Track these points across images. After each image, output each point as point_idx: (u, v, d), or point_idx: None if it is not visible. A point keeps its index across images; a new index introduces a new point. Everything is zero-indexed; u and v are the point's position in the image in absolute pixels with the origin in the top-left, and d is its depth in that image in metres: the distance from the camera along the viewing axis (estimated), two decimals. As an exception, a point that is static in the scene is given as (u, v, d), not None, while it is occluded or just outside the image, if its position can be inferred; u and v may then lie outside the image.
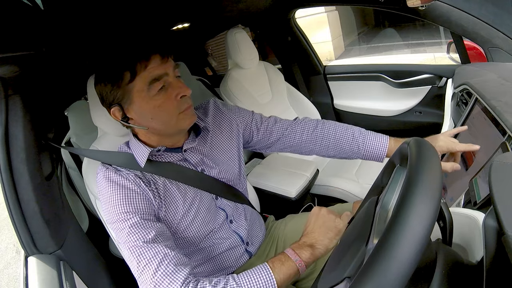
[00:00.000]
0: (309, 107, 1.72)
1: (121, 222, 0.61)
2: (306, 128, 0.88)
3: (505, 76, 0.85)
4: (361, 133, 0.85)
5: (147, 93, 0.64)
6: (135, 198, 0.64)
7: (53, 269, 0.77)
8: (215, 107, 0.87)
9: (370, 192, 0.58)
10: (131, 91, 0.64)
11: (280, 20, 1.77)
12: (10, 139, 0.76)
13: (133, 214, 0.62)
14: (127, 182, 0.65)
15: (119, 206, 0.62)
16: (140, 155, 0.70)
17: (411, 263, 0.27)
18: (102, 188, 0.66)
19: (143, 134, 0.72)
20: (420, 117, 1.63)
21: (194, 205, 0.73)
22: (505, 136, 0.60)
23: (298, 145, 0.89)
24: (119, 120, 0.68)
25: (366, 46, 6.90)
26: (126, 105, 0.66)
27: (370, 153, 0.83)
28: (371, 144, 0.82)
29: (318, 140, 0.87)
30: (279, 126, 0.89)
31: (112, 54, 0.65)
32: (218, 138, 0.83)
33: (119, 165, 0.70)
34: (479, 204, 0.54)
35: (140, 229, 0.60)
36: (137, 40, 0.66)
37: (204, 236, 0.76)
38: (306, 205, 1.32)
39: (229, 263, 0.81)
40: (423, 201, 0.30)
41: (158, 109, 0.66)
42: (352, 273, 0.39)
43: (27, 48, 0.60)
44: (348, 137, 0.84)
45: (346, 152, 0.86)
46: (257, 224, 0.91)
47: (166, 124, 0.69)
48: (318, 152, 0.89)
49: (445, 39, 4.93)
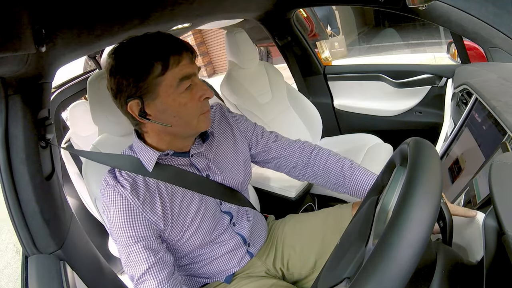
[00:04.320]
0: (309, 107, 1.72)
1: (124, 247, 0.65)
2: (304, 152, 0.86)
3: (505, 76, 0.85)
4: (351, 167, 0.82)
5: (175, 90, 0.62)
6: (138, 220, 0.65)
7: (53, 269, 0.77)
8: (221, 113, 0.85)
9: (370, 192, 0.58)
10: (159, 85, 0.61)
11: (280, 20, 1.77)
12: (10, 139, 0.75)
13: (136, 240, 0.65)
14: (132, 199, 0.65)
15: (122, 229, 0.65)
16: (147, 159, 0.68)
17: (411, 263, 0.27)
18: (107, 203, 0.66)
19: (155, 136, 0.69)
20: (420, 117, 1.63)
21: (200, 212, 0.73)
22: (505, 136, 0.60)
23: (293, 168, 0.87)
24: (136, 114, 0.63)
25: (366, 46, 6.89)
26: (148, 100, 0.62)
27: (354, 189, 0.80)
28: (355, 184, 0.80)
29: (310, 166, 0.85)
30: (279, 144, 0.87)
31: (143, 45, 0.61)
32: (223, 145, 0.82)
33: (123, 168, 0.69)
34: (479, 204, 0.54)
35: (138, 257, 0.64)
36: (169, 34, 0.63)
37: (208, 242, 0.76)
38: (305, 205, 1.32)
39: (231, 264, 0.81)
40: (423, 201, 0.30)
41: (183, 107, 0.64)
42: (352, 274, 0.39)
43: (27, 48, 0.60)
44: (337, 169, 0.82)
45: (332, 183, 0.84)
46: (260, 225, 0.91)
47: (187, 124, 0.67)
48: (308, 179, 0.88)
49: (445, 39, 4.93)
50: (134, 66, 0.60)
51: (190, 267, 0.81)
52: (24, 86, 0.76)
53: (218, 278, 0.82)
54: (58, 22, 0.73)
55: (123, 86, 0.62)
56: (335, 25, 2.95)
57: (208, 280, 0.83)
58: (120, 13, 0.88)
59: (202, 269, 0.80)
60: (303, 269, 0.85)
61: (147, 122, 0.65)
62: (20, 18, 0.56)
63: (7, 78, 0.70)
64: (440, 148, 0.99)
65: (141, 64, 0.60)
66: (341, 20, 6.31)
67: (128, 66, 0.60)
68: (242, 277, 0.83)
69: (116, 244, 0.68)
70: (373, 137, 1.64)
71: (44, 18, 0.66)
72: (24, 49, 0.59)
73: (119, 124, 0.93)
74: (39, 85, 0.82)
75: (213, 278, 0.82)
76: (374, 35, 7.58)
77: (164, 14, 1.03)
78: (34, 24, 0.61)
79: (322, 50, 2.57)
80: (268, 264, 0.86)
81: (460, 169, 0.75)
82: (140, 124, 0.68)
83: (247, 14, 1.70)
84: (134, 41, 0.62)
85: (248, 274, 0.83)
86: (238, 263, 0.82)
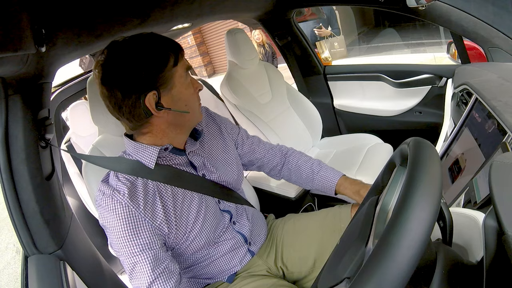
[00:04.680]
0: (309, 107, 1.72)
1: (128, 257, 0.62)
2: (282, 154, 0.97)
3: (505, 76, 0.85)
4: (319, 166, 0.93)
5: (185, 79, 0.67)
6: (142, 227, 0.63)
7: (53, 269, 0.76)
8: (207, 113, 0.90)
9: (370, 192, 0.58)
10: (173, 76, 0.64)
11: (280, 20, 1.77)
12: (10, 139, 0.75)
13: (141, 249, 0.62)
14: (132, 205, 0.63)
15: (125, 238, 0.62)
16: (148, 156, 0.68)
17: (411, 264, 0.27)
18: (106, 213, 0.63)
19: (159, 132, 0.68)
20: (420, 117, 1.63)
21: (202, 211, 0.73)
22: (505, 136, 0.60)
23: (273, 168, 0.98)
24: (153, 107, 0.63)
25: (366, 46, 6.89)
26: (165, 91, 0.64)
27: (321, 186, 0.92)
28: (322, 179, 0.91)
29: (285, 166, 0.97)
30: (262, 146, 0.96)
31: (154, 40, 0.64)
32: (213, 143, 0.85)
33: (124, 172, 0.68)
34: (479, 204, 0.54)
35: (144, 269, 0.62)
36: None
37: (212, 242, 0.76)
38: (305, 205, 1.32)
39: (233, 263, 0.82)
40: (423, 202, 0.30)
41: (191, 96, 0.69)
42: (352, 274, 0.39)
43: (27, 48, 0.60)
44: (307, 167, 0.93)
45: (304, 180, 0.94)
46: (260, 224, 0.91)
47: (195, 112, 0.71)
48: (284, 177, 0.99)
49: (445, 39, 4.93)
50: (152, 59, 0.61)
51: (192, 268, 0.81)
52: (24, 86, 0.76)
53: (220, 278, 0.82)
54: (58, 22, 0.73)
55: (138, 80, 0.61)
56: (335, 25, 2.94)
57: (210, 281, 0.83)
58: (120, 13, 0.88)
59: (204, 269, 0.81)
60: (302, 268, 0.85)
61: (162, 113, 0.64)
62: (20, 18, 0.56)
63: (7, 78, 0.70)
64: (440, 148, 0.99)
65: (159, 56, 0.62)
66: (341, 20, 6.31)
67: (145, 59, 0.61)
68: (243, 276, 0.83)
69: (118, 255, 0.65)
70: (373, 137, 1.64)
71: (44, 18, 0.66)
72: (24, 49, 0.59)
73: (119, 124, 0.93)
74: (39, 85, 0.81)
75: (215, 278, 0.83)
76: (374, 35, 7.58)
77: (164, 14, 1.03)
78: (34, 24, 0.61)
79: (321, 50, 2.58)
80: (269, 263, 0.86)
81: (460, 169, 0.75)
82: (144, 124, 0.67)
83: (247, 14, 1.70)
84: (140, 38, 0.63)
85: (250, 274, 0.84)
86: (240, 262, 0.82)
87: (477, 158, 0.68)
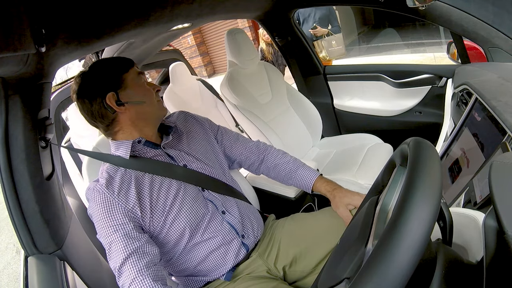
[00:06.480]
0: (309, 107, 1.72)
1: (105, 238, 0.70)
2: (260, 150, 1.03)
3: (505, 76, 0.85)
4: (295, 164, 0.98)
5: (138, 80, 0.82)
6: (114, 209, 0.73)
7: (53, 269, 0.76)
8: (185, 115, 1.00)
9: (370, 192, 0.58)
10: (126, 78, 0.80)
11: (280, 20, 1.77)
12: (10, 139, 0.76)
13: (115, 229, 0.70)
14: (107, 191, 0.74)
15: (102, 220, 0.72)
16: (124, 150, 0.80)
17: (410, 264, 0.27)
18: (90, 203, 0.76)
19: (129, 126, 0.81)
20: (420, 117, 1.63)
21: (179, 196, 0.80)
22: (505, 136, 0.60)
23: (252, 164, 1.03)
24: (114, 104, 0.77)
25: (366, 46, 6.89)
26: (122, 90, 0.79)
27: (299, 184, 0.97)
28: (300, 177, 0.96)
29: (264, 163, 1.02)
30: (240, 143, 1.02)
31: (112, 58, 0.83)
32: (195, 137, 0.94)
33: (114, 163, 0.80)
34: (479, 204, 0.54)
35: (118, 246, 0.69)
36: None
37: (196, 226, 0.79)
38: (305, 205, 1.32)
39: (228, 258, 0.82)
40: (423, 202, 0.30)
41: (147, 92, 0.83)
42: (351, 274, 0.39)
43: (27, 48, 0.60)
44: (284, 165, 0.99)
45: (282, 178, 1.00)
46: (253, 218, 0.92)
47: (152, 104, 0.83)
48: (263, 173, 1.04)
49: (445, 39, 4.94)
50: (107, 69, 0.80)
51: (187, 265, 0.81)
52: (24, 86, 0.76)
53: (217, 275, 0.83)
54: (58, 22, 0.73)
55: (98, 86, 0.77)
56: (335, 23, 2.93)
57: (208, 278, 0.83)
58: (120, 13, 0.88)
59: (199, 266, 0.81)
60: (303, 268, 0.85)
61: (123, 109, 0.78)
62: (20, 18, 0.56)
63: (7, 78, 0.70)
64: (440, 148, 0.99)
65: (112, 67, 0.80)
66: (341, 20, 6.31)
67: (102, 71, 0.79)
68: (244, 278, 0.83)
69: (100, 238, 0.72)
70: (373, 137, 1.64)
71: (44, 18, 0.66)
72: (24, 49, 0.59)
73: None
74: (39, 85, 0.82)
75: (213, 275, 0.83)
76: (374, 35, 7.58)
77: (164, 14, 1.03)
78: (34, 24, 0.61)
79: (319, 49, 2.57)
80: (269, 264, 0.86)
81: (460, 169, 0.75)
82: (113, 123, 0.80)
83: (247, 14, 1.70)
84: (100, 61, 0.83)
85: (250, 275, 0.84)
86: (235, 256, 0.83)
87: (477, 158, 0.68)
